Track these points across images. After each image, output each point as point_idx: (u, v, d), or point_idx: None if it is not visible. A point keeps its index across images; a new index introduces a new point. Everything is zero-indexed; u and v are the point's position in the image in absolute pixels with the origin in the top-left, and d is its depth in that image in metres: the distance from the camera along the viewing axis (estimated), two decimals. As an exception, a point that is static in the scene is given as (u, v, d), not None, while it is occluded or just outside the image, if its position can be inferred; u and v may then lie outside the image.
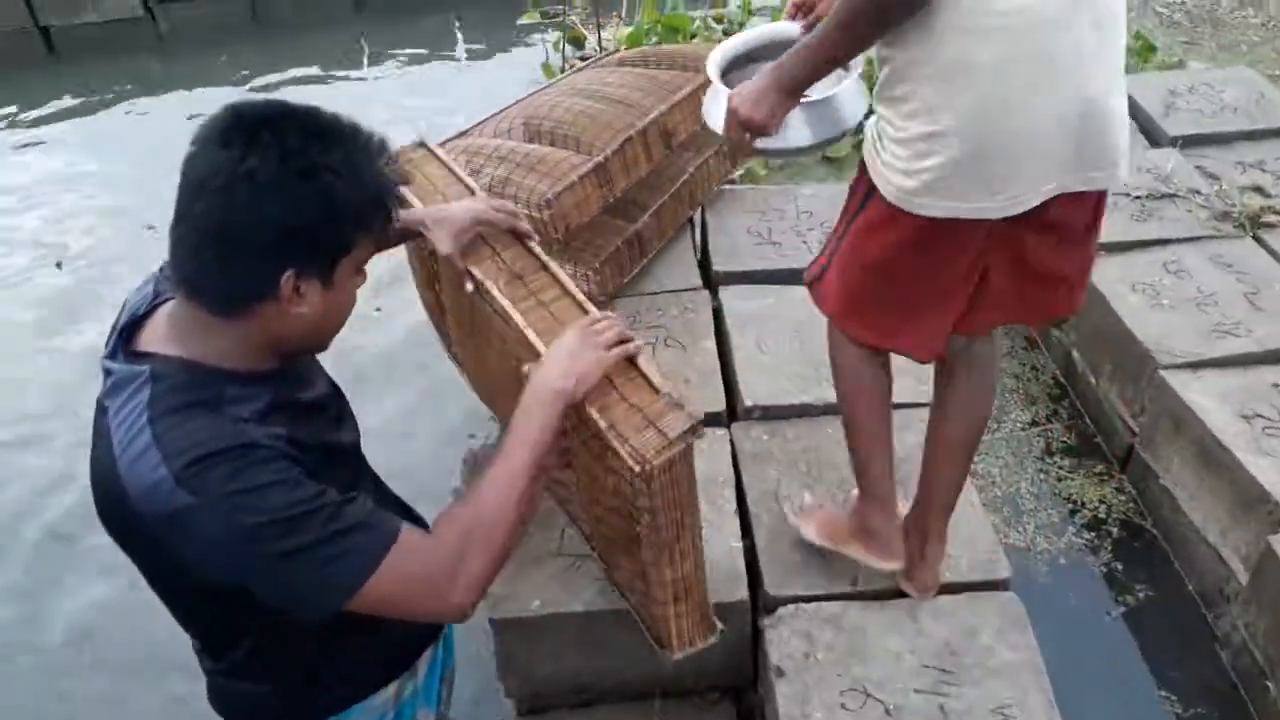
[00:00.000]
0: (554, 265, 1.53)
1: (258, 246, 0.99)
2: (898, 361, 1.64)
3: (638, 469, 1.23)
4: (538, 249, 1.56)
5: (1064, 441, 2.53)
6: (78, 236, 3.68)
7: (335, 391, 1.31)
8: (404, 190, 1.64)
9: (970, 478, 2.10)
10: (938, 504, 1.73)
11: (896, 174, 1.33)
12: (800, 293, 1.76)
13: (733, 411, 2.22)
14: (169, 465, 0.97)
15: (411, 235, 1.55)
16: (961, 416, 1.67)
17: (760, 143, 1.46)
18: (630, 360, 1.31)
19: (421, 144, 1.87)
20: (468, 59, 4.99)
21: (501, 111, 2.74)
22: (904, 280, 1.45)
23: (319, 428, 1.16)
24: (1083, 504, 2.36)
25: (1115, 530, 2.30)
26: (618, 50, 3.68)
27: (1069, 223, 1.40)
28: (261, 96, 1.18)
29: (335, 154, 1.01)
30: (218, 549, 0.99)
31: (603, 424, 1.26)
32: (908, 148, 1.31)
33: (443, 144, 2.58)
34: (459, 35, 5.21)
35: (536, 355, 1.33)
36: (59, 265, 3.53)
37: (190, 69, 4.94)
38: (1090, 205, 1.41)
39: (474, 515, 1.10)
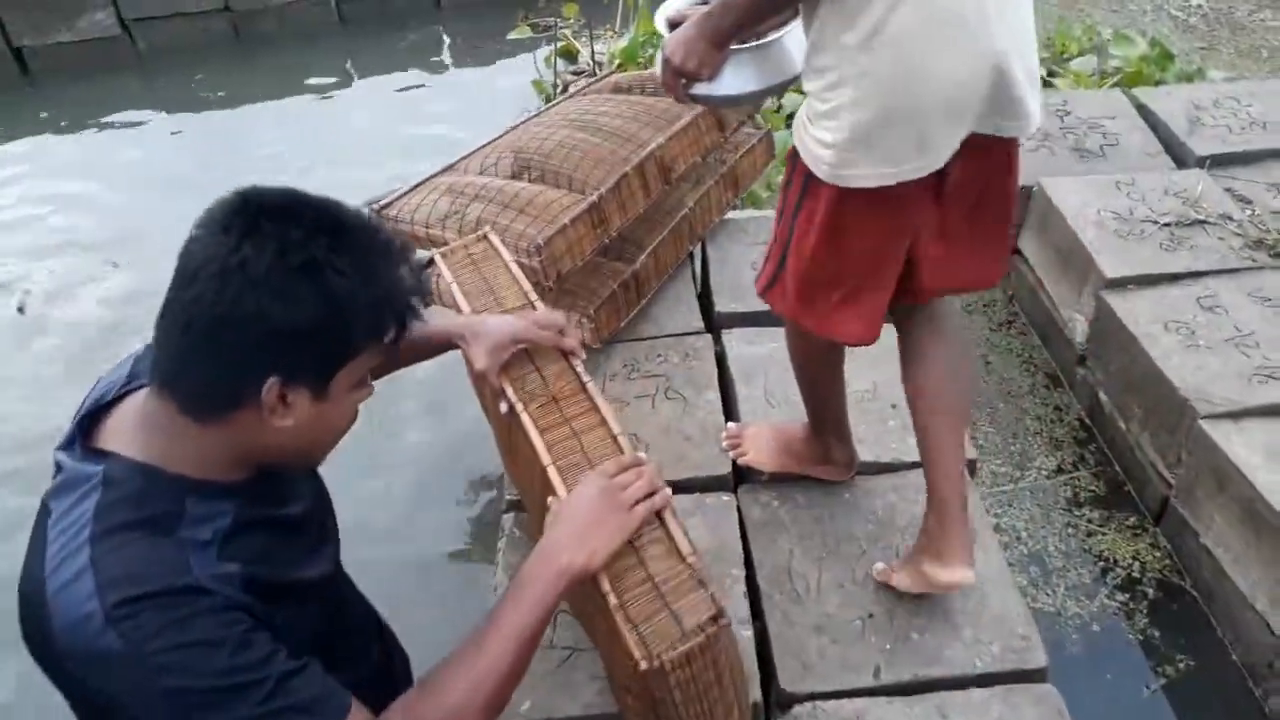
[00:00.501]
0: (593, 387, 1.39)
1: (242, 346, 0.90)
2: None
3: (644, 665, 1.06)
4: (581, 369, 1.42)
5: (1092, 491, 2.37)
6: (42, 274, 3.51)
7: (320, 504, 1.17)
8: (453, 291, 1.52)
9: (995, 534, 1.96)
10: (953, 484, 1.63)
11: (827, 150, 1.36)
12: (810, 336, 1.66)
13: (740, 473, 2.06)
14: (102, 598, 0.85)
15: (444, 348, 1.41)
16: (951, 381, 1.66)
17: (696, 88, 1.52)
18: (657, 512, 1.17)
19: (484, 236, 1.72)
20: (456, 75, 4.82)
21: (489, 143, 2.58)
22: (850, 261, 1.48)
23: (289, 557, 1.03)
24: (1115, 562, 2.20)
25: (1151, 591, 2.14)
26: (611, 66, 3.51)
27: (984, 178, 1.46)
28: (276, 183, 1.06)
29: (344, 252, 0.92)
30: (141, 704, 0.87)
31: (613, 600, 1.09)
32: (834, 119, 1.34)
33: (428, 180, 2.44)
34: (447, 51, 5.03)
35: (557, 495, 1.20)
36: (20, 310, 3.36)
37: (171, 88, 4.77)
38: (1003, 158, 1.47)
39: (435, 709, 0.94)
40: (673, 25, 1.64)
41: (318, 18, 5.08)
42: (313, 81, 4.72)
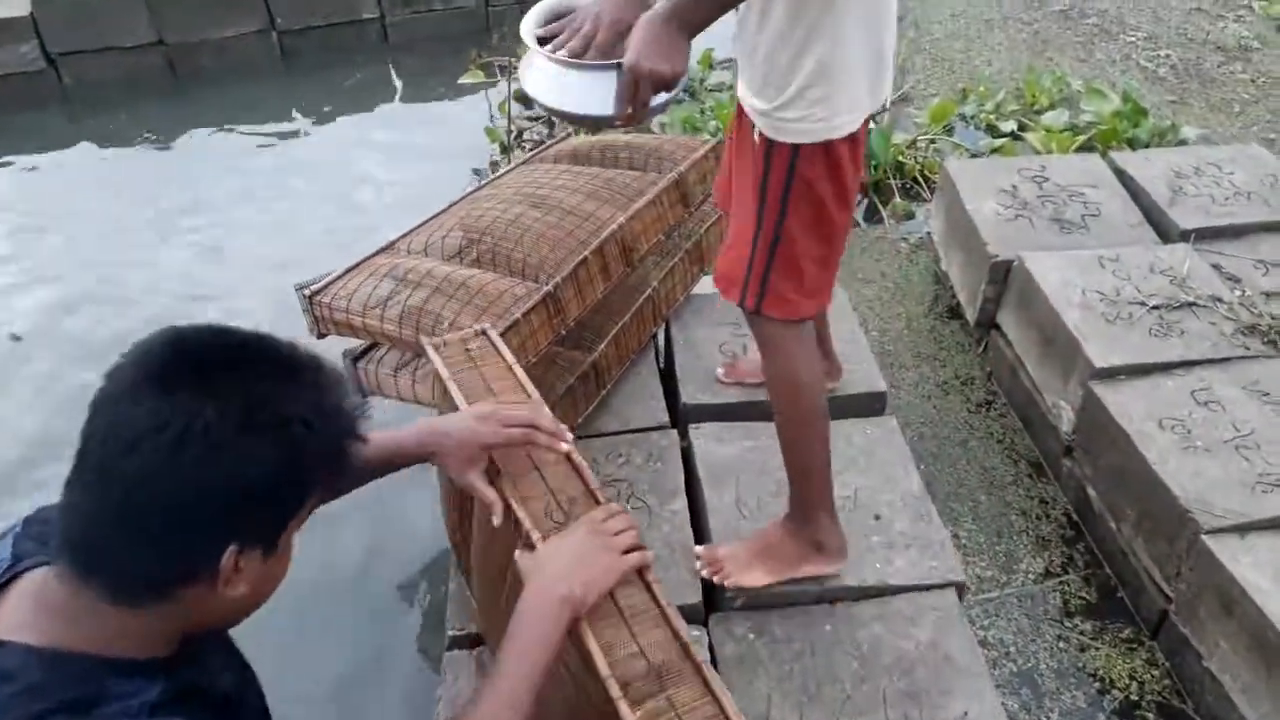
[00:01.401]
0: (596, 485, 1.29)
1: (200, 518, 0.80)
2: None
3: None
4: (581, 463, 1.31)
5: (1083, 598, 2.22)
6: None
7: (243, 676, 1.01)
8: (450, 389, 1.43)
9: (983, 650, 1.81)
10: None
11: (815, 109, 1.45)
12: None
13: (710, 598, 1.88)
14: None
15: (415, 461, 1.28)
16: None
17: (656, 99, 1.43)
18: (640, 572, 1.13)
19: (483, 332, 1.60)
20: (405, 118, 4.59)
21: (435, 217, 2.37)
22: (846, 216, 1.60)
23: None
24: (1112, 682, 2.04)
25: (1152, 717, 1.99)
26: (568, 132, 3.32)
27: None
28: (199, 324, 0.89)
29: (303, 399, 0.85)
30: None
31: (603, 669, 1.01)
32: (814, 83, 1.43)
33: (366, 260, 2.23)
34: (395, 93, 4.81)
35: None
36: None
37: (100, 125, 4.49)
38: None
39: None
40: (543, 40, 1.51)
41: (258, 53, 4.84)
42: (252, 121, 4.47)
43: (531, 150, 2.98)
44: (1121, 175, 2.99)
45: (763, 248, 1.59)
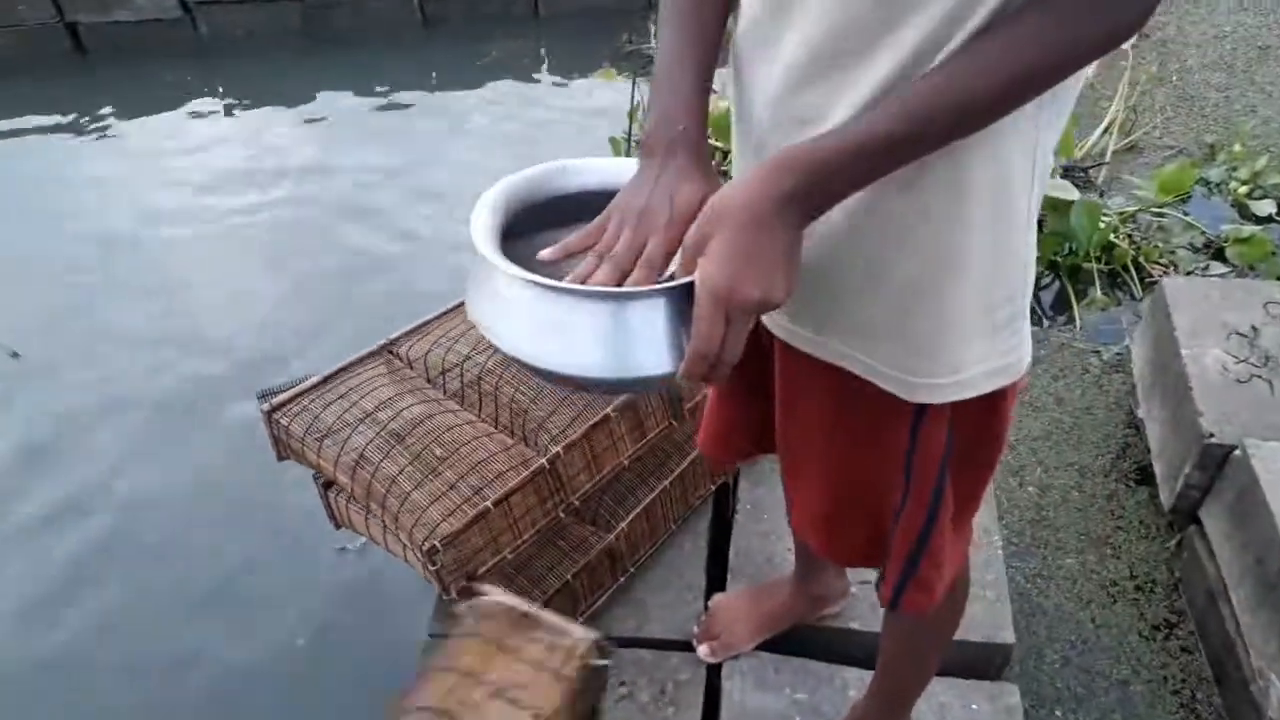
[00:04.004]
0: None
1: None
2: None
3: None
4: None
5: None
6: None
7: None
8: None
9: None
10: None
11: (1004, 335, 0.93)
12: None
13: None
14: None
15: None
16: None
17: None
18: None
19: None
20: (530, 108, 4.08)
21: (450, 312, 1.87)
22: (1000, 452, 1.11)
23: None
24: None
25: None
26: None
27: None
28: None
29: None
30: None
31: None
32: (1015, 280, 0.91)
33: (352, 364, 1.76)
34: (531, 74, 4.30)
35: None
36: None
37: (228, 77, 4.25)
38: None
39: None
40: (509, 232, 0.89)
41: (399, 16, 4.44)
42: (381, 87, 4.11)
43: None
44: None
45: (910, 528, 1.09)
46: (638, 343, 0.78)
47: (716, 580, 1.78)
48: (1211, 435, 1.93)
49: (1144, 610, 2.04)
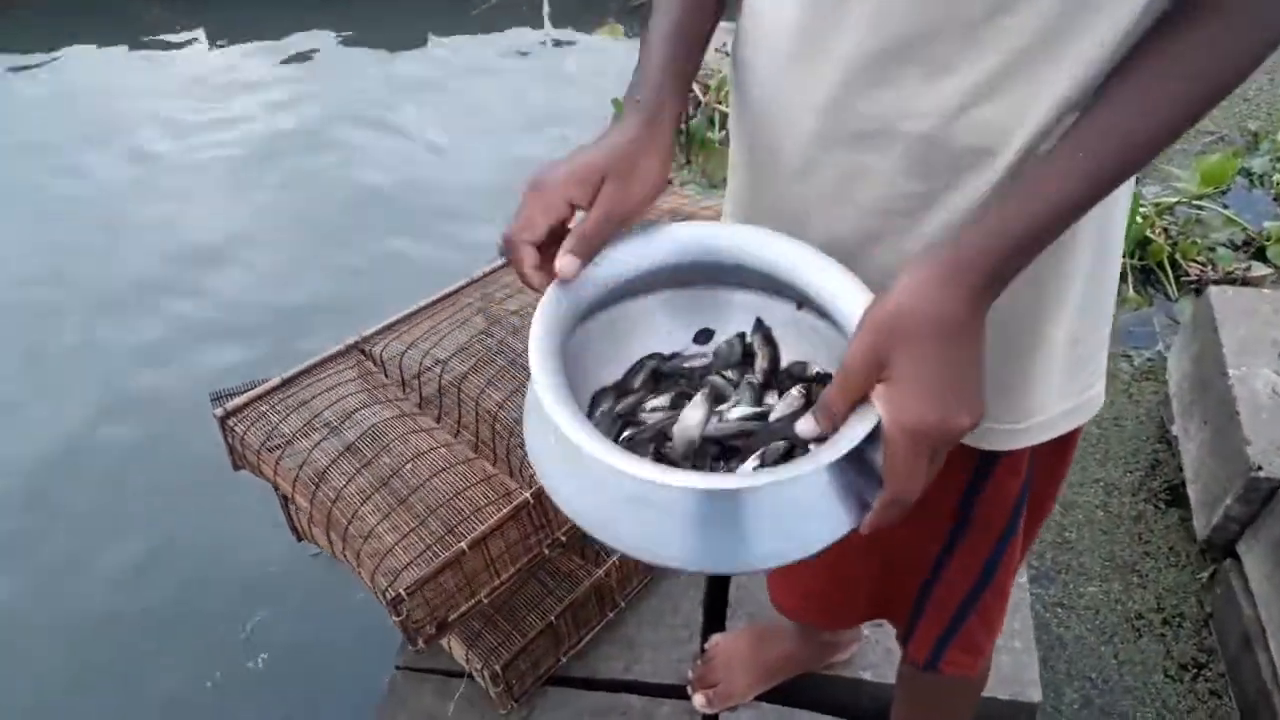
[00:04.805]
0: None
1: None
2: None
3: None
4: None
5: None
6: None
7: None
8: None
9: None
10: None
11: (1085, 372, 0.83)
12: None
13: None
14: None
15: None
16: None
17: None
18: None
19: None
20: (528, 66, 3.84)
21: (438, 302, 1.68)
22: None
23: None
24: None
25: None
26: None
27: None
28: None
29: None
30: None
31: None
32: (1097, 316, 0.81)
33: (323, 362, 1.58)
34: (531, 30, 4.06)
35: None
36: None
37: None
38: None
39: None
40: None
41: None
42: (371, 34, 3.88)
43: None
44: None
45: (959, 582, 0.99)
46: (801, 520, 0.61)
47: (714, 615, 1.62)
48: (1260, 468, 1.77)
49: (1170, 647, 1.89)
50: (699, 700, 1.46)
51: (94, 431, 2.39)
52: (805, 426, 0.63)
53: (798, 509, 0.60)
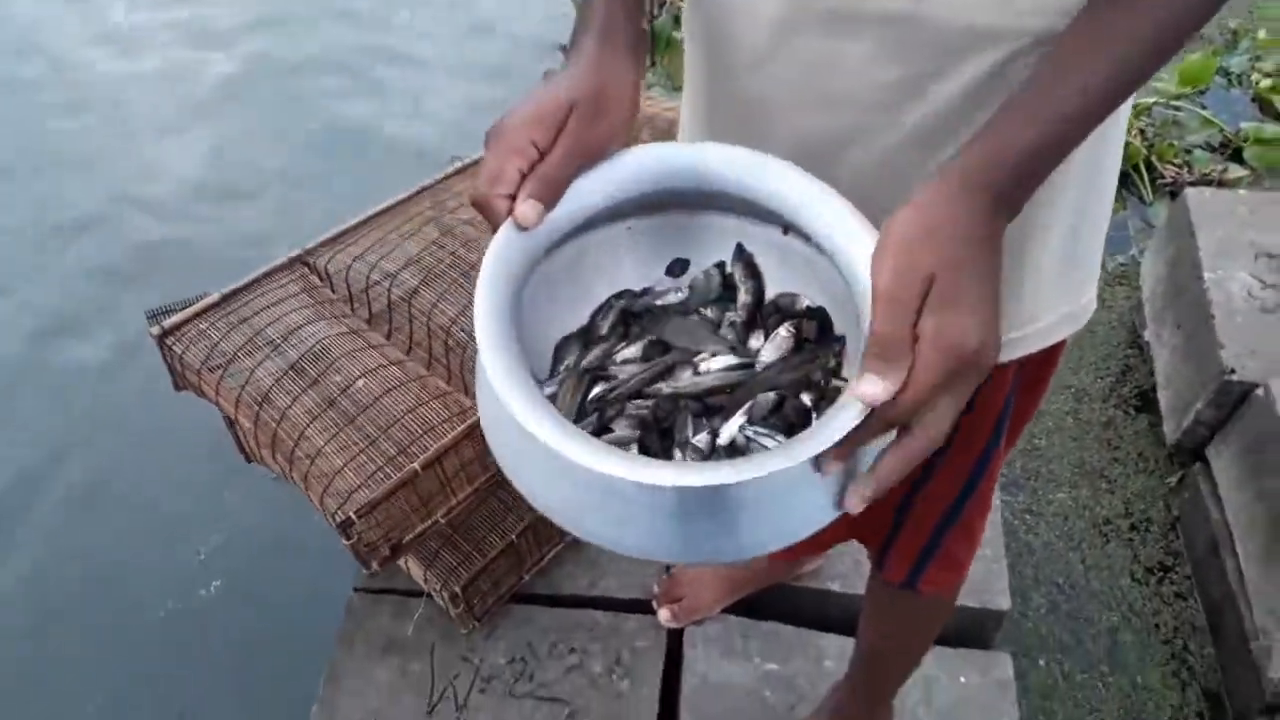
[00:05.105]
0: None
1: None
2: None
3: None
4: None
5: None
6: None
7: None
8: None
9: None
10: None
11: (1076, 286, 0.80)
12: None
13: None
14: None
15: None
16: None
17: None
18: None
19: None
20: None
21: (388, 210, 1.60)
22: None
23: None
24: None
25: None
26: None
27: None
28: None
29: None
30: None
31: None
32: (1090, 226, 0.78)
33: (265, 275, 1.50)
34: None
35: None
36: None
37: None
38: None
39: None
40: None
41: None
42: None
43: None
44: None
45: (940, 496, 0.95)
46: (785, 512, 0.56)
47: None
48: (1232, 371, 1.75)
49: (1138, 551, 1.89)
50: (664, 615, 1.44)
51: (40, 354, 2.30)
52: (871, 389, 0.51)
53: (781, 501, 0.55)
